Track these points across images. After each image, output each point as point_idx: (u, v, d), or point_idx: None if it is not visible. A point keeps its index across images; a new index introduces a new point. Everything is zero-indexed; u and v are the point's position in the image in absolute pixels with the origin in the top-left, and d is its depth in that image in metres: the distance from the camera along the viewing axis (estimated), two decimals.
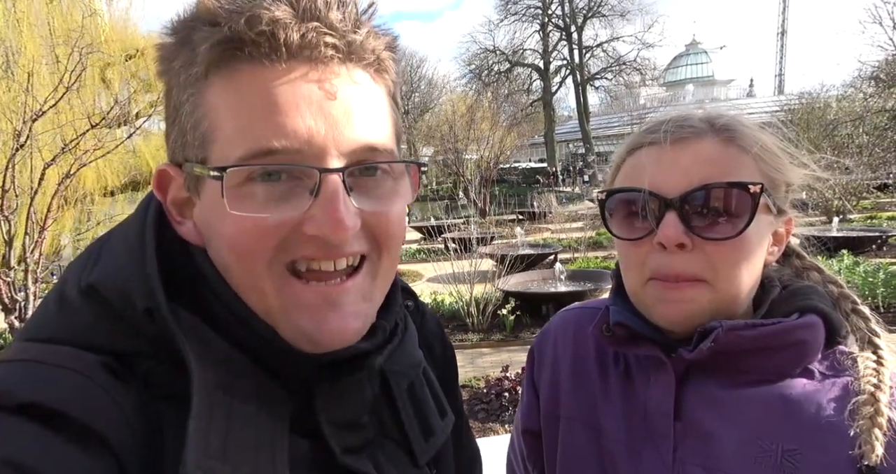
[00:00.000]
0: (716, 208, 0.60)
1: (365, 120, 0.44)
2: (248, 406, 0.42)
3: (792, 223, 0.68)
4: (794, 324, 0.60)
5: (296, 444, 0.44)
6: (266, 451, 0.41)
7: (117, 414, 0.39)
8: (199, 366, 0.41)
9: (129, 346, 0.42)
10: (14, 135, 4.90)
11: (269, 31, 0.40)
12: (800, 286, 0.67)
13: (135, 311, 0.42)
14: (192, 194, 0.46)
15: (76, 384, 0.39)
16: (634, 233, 0.64)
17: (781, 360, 0.61)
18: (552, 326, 0.83)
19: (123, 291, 0.42)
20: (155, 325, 0.42)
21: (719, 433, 0.61)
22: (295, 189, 0.43)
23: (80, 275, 0.45)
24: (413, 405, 0.57)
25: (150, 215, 0.47)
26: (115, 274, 0.44)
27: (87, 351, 0.41)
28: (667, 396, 0.65)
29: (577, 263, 8.67)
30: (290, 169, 0.42)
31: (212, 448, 0.39)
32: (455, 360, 0.71)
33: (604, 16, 38.29)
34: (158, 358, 0.42)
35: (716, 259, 0.61)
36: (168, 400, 0.41)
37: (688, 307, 0.62)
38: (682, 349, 0.62)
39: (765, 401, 0.61)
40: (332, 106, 0.42)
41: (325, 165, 0.42)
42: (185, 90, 0.43)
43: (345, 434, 0.48)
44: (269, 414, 0.43)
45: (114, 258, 0.45)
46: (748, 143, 0.63)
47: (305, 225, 0.42)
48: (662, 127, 0.65)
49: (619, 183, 0.68)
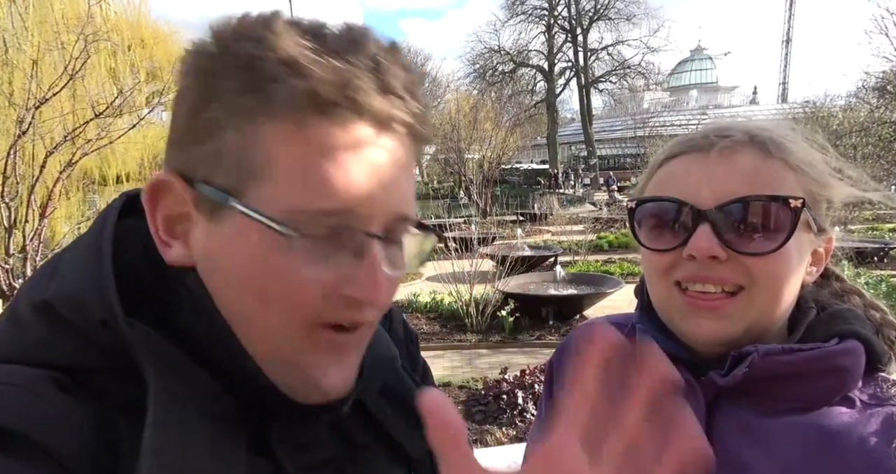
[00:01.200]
0: (753, 222, 0.58)
1: (407, 190, 0.46)
2: (204, 420, 0.41)
3: (832, 243, 0.65)
4: (834, 349, 0.58)
5: (254, 462, 0.43)
6: (222, 467, 0.41)
7: (66, 427, 0.38)
8: (155, 377, 0.40)
9: (82, 360, 0.42)
10: (17, 122, 4.88)
11: (353, 97, 0.41)
12: (839, 309, 0.64)
13: (90, 323, 0.41)
14: (198, 213, 0.43)
15: (21, 400, 0.38)
16: (664, 243, 0.62)
17: (820, 388, 0.59)
18: (574, 338, 0.81)
19: (78, 304, 0.42)
20: (111, 337, 0.41)
21: (751, 463, 0.58)
22: (338, 249, 0.43)
23: (33, 292, 0.44)
24: (391, 403, 0.56)
25: (107, 230, 0.45)
26: (69, 288, 0.43)
27: (36, 367, 0.40)
28: None
29: (577, 266, 8.66)
30: (345, 229, 0.42)
31: (167, 459, 0.38)
32: (419, 353, 0.71)
33: (610, 19, 38.30)
34: (112, 371, 0.42)
35: (753, 269, 0.58)
36: (124, 413, 0.40)
37: (719, 325, 0.59)
38: (714, 373, 0.60)
39: (802, 432, 0.58)
40: (388, 174, 0.43)
41: (372, 231, 0.43)
42: (237, 117, 0.41)
43: (300, 453, 0.48)
44: (226, 431, 0.42)
45: (68, 272, 0.44)
46: (791, 156, 0.60)
47: (345, 287, 0.42)
48: (700, 136, 0.63)
49: (651, 192, 0.65)
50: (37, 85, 5.02)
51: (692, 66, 52.30)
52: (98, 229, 0.46)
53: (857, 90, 14.29)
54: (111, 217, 0.47)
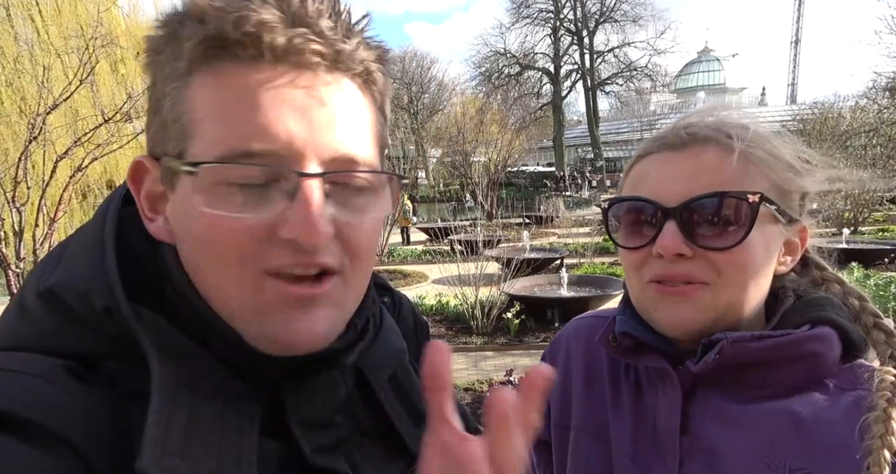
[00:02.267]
0: (715, 217, 0.59)
1: (348, 130, 0.44)
2: (213, 404, 0.41)
3: (807, 232, 0.66)
4: (804, 335, 0.59)
5: (265, 445, 0.43)
6: (232, 451, 0.40)
7: (80, 415, 0.38)
8: (160, 364, 0.40)
9: (92, 348, 0.42)
10: (28, 128, 4.95)
11: (256, 32, 0.41)
12: (814, 296, 0.65)
13: (94, 311, 0.42)
14: (166, 189, 0.45)
15: (35, 388, 0.38)
16: (635, 241, 0.63)
17: (791, 374, 0.60)
18: (565, 334, 0.82)
19: (82, 291, 0.42)
20: (115, 324, 0.41)
21: (726, 448, 0.60)
22: (271, 192, 0.42)
23: (39, 280, 0.44)
24: (398, 394, 0.56)
25: (110, 216, 0.47)
26: (73, 275, 0.43)
27: (48, 355, 0.41)
28: (673, 409, 0.63)
29: (583, 269, 8.63)
30: (267, 171, 0.42)
31: (172, 445, 0.38)
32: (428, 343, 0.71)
33: (616, 21, 38.22)
34: (122, 358, 0.42)
35: (719, 265, 0.60)
36: (135, 400, 0.40)
37: (688, 311, 0.60)
38: (689, 361, 0.61)
39: (774, 416, 0.59)
40: (316, 112, 0.43)
41: (303, 170, 0.42)
42: (169, 83, 0.43)
43: (316, 433, 0.48)
44: (236, 414, 0.42)
45: (73, 260, 0.45)
46: (755, 151, 0.61)
47: (280, 228, 0.42)
48: (668, 133, 0.64)
49: (627, 191, 0.67)
50: (48, 91, 5.09)
51: (699, 68, 52.09)
52: (101, 217, 0.47)
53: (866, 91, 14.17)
54: (114, 204, 0.48)
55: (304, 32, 0.42)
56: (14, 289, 5.07)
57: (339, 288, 0.46)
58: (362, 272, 0.48)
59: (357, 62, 0.45)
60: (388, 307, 0.64)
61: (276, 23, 0.41)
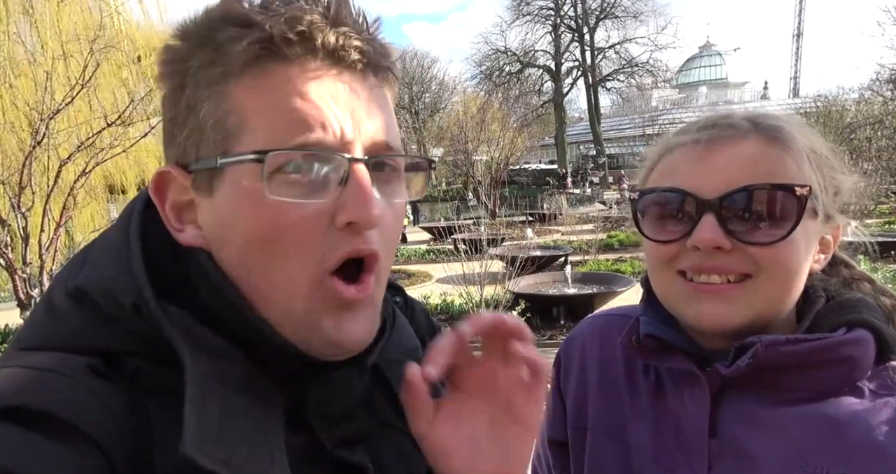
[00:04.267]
0: (758, 211, 0.57)
1: (382, 121, 0.47)
2: (242, 396, 0.43)
3: (840, 230, 0.64)
4: (841, 339, 0.57)
5: (289, 437, 0.45)
6: (261, 440, 0.42)
7: (104, 413, 0.39)
8: (191, 357, 0.41)
9: (118, 345, 0.43)
10: (32, 133, 4.97)
11: (308, 32, 0.43)
12: (848, 298, 0.63)
13: (122, 309, 0.43)
14: (199, 195, 0.46)
15: (61, 386, 0.39)
16: (668, 234, 0.61)
17: (826, 378, 0.58)
18: (579, 333, 0.80)
19: (110, 290, 0.43)
20: (144, 321, 0.42)
21: (757, 453, 0.58)
22: (325, 180, 0.44)
23: (67, 280, 0.45)
24: None
25: (135, 220, 0.48)
26: (101, 275, 0.45)
27: (74, 354, 0.42)
28: (701, 412, 0.61)
29: (587, 266, 8.61)
30: (326, 155, 0.44)
31: (208, 432, 0.39)
32: None
33: (617, 17, 38.10)
34: (148, 355, 0.43)
35: (759, 260, 0.57)
36: (157, 396, 0.42)
37: (726, 309, 0.58)
38: (718, 364, 0.59)
39: (808, 421, 0.57)
40: (357, 105, 0.45)
41: (354, 155, 0.45)
42: (206, 89, 0.44)
43: (337, 427, 0.49)
44: (263, 405, 0.44)
45: (99, 261, 0.46)
46: (795, 144, 0.59)
47: (338, 214, 0.44)
48: (702, 125, 0.62)
49: (654, 183, 0.64)
50: (50, 96, 5.12)
51: (701, 63, 51.85)
52: (125, 220, 0.48)
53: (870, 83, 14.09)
54: (138, 207, 0.49)
55: (346, 31, 0.45)
56: (20, 294, 5.09)
57: (376, 284, 0.48)
58: (388, 260, 0.50)
59: (386, 61, 0.48)
60: (401, 307, 0.65)
61: (324, 23, 0.44)
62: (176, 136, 0.47)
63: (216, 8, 0.45)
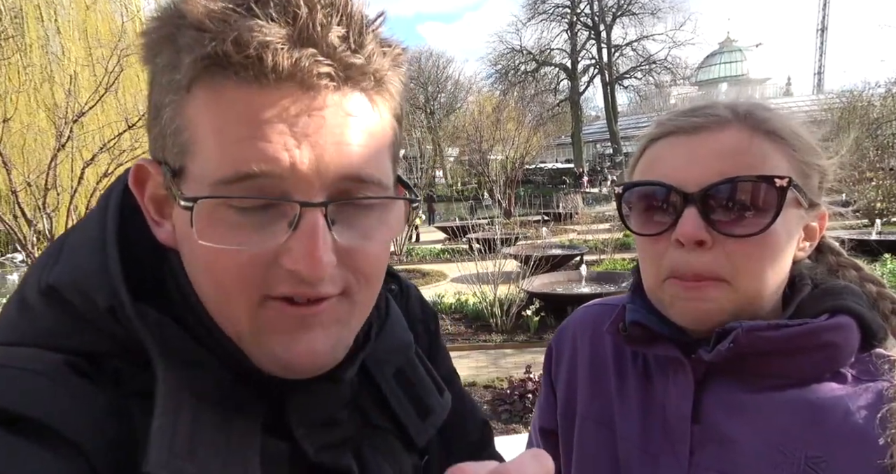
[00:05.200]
0: (739, 203, 0.57)
1: (355, 149, 0.41)
2: (217, 406, 0.41)
3: (826, 217, 0.64)
4: (822, 325, 0.57)
5: (271, 445, 0.43)
6: (236, 452, 0.40)
7: (84, 414, 0.37)
8: (164, 366, 0.39)
9: (95, 346, 0.41)
10: (56, 136, 5.12)
11: (257, 55, 0.37)
12: (832, 285, 0.63)
13: (97, 310, 0.40)
14: (169, 193, 0.43)
15: (38, 386, 0.37)
16: (652, 228, 0.61)
17: (808, 363, 0.58)
18: (571, 322, 0.81)
19: (84, 290, 0.41)
20: (119, 325, 0.40)
21: (739, 438, 0.58)
22: (273, 218, 0.40)
23: (40, 275, 0.43)
24: (404, 389, 0.55)
25: (111, 212, 0.45)
26: (74, 272, 0.42)
27: (51, 351, 0.40)
28: (685, 398, 0.62)
29: (603, 265, 8.53)
30: (270, 201, 0.40)
31: (178, 447, 0.37)
32: (439, 332, 0.68)
33: (634, 14, 37.67)
34: (126, 357, 0.41)
35: (738, 257, 0.57)
36: (139, 399, 0.40)
37: (707, 306, 0.59)
38: (701, 350, 0.60)
39: (789, 406, 0.57)
40: (322, 134, 0.40)
41: (307, 197, 0.39)
42: (167, 94, 0.41)
43: (319, 433, 0.47)
44: (239, 415, 0.42)
45: (73, 256, 0.43)
46: (777, 131, 0.59)
47: (282, 257, 0.40)
48: (683, 115, 0.62)
49: (639, 176, 0.65)
50: (75, 99, 5.25)
51: (721, 59, 50.83)
52: (102, 210, 0.46)
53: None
54: (115, 197, 0.47)
55: (311, 53, 0.38)
56: None
57: (345, 305, 0.44)
58: (371, 290, 0.47)
59: (369, 75, 0.42)
60: (395, 295, 0.63)
61: (280, 43, 0.38)
62: (150, 130, 0.44)
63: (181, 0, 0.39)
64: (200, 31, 0.38)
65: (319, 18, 0.39)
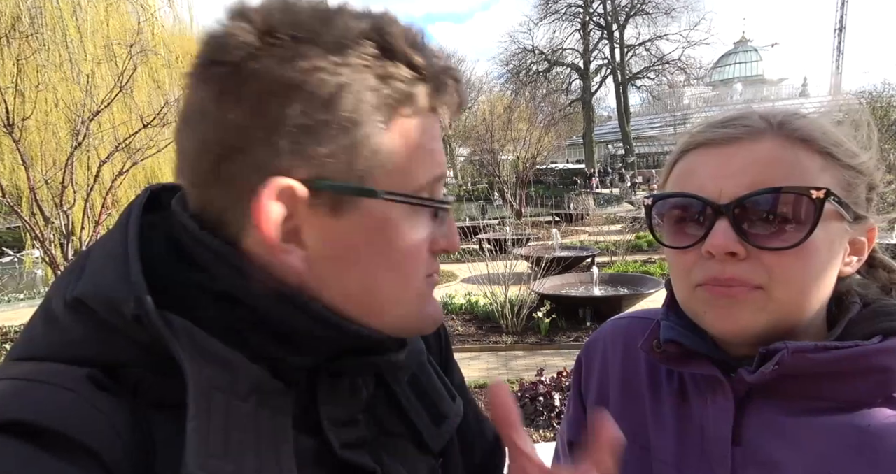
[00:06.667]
0: (773, 215, 0.54)
1: None
2: (248, 404, 0.42)
3: (875, 230, 0.61)
4: (874, 348, 0.54)
5: (299, 440, 0.44)
6: (269, 447, 0.42)
7: (105, 426, 0.38)
8: (193, 368, 0.40)
9: (119, 357, 0.42)
10: (73, 134, 5.19)
11: (456, 95, 0.50)
12: (884, 304, 0.60)
13: (124, 320, 0.42)
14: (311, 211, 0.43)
15: (61, 399, 0.38)
16: (683, 240, 0.59)
17: (859, 388, 0.55)
18: (601, 335, 0.78)
19: (110, 301, 0.42)
20: (145, 332, 0.41)
21: (782, 462, 0.56)
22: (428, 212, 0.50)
23: (65, 290, 0.44)
24: (418, 395, 0.57)
25: (133, 226, 0.46)
26: (99, 284, 0.43)
27: (73, 365, 0.41)
28: (725, 419, 0.59)
29: (615, 267, 8.47)
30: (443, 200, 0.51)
31: (213, 447, 0.39)
32: (449, 341, 0.72)
33: (647, 13, 37.38)
34: (149, 367, 0.42)
35: (774, 268, 0.55)
36: (159, 409, 0.41)
37: (741, 314, 0.56)
38: (743, 370, 0.57)
39: (837, 432, 0.54)
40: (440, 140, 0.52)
41: None
42: (374, 114, 0.44)
43: (342, 430, 0.49)
44: (271, 411, 0.43)
45: (97, 270, 0.45)
46: (816, 141, 0.56)
47: (441, 242, 0.51)
48: (716, 126, 0.60)
49: (671, 188, 0.63)
50: (90, 98, 5.32)
51: (736, 59, 50.26)
52: (123, 226, 0.47)
53: None
54: (136, 212, 0.48)
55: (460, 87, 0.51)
56: None
57: None
58: None
59: None
60: None
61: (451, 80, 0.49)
62: (304, 147, 0.42)
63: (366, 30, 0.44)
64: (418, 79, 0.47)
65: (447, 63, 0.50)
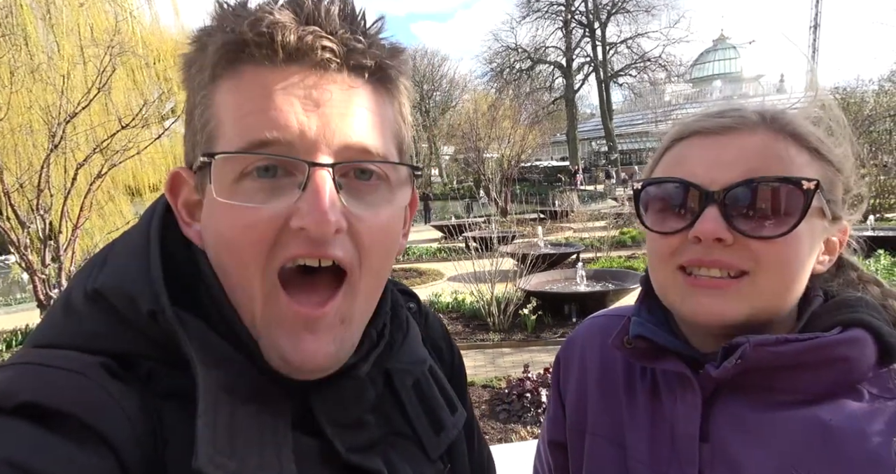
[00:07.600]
0: (763, 204, 0.55)
1: (360, 122, 0.45)
2: (250, 405, 0.43)
3: (847, 231, 0.62)
4: (833, 339, 0.55)
5: (302, 441, 0.45)
6: (270, 447, 0.43)
7: (116, 411, 0.39)
8: (203, 368, 0.42)
9: (133, 348, 0.44)
10: (49, 136, 5.06)
11: (269, 32, 0.43)
12: (846, 297, 0.61)
13: (139, 314, 0.43)
14: (199, 196, 0.48)
15: (74, 384, 0.39)
16: (669, 226, 0.60)
17: (820, 380, 0.56)
18: (578, 334, 0.79)
19: (128, 295, 0.44)
20: (159, 328, 0.43)
21: (749, 458, 0.56)
22: (285, 184, 0.44)
23: (86, 281, 0.46)
24: (420, 401, 0.58)
25: (155, 221, 0.49)
26: (120, 278, 0.45)
27: (88, 353, 0.42)
28: (693, 416, 0.60)
29: (599, 263, 8.55)
30: (278, 160, 0.44)
31: (220, 445, 0.40)
32: (463, 367, 0.71)
33: (628, 12, 37.69)
34: (161, 359, 0.44)
35: (761, 255, 0.56)
36: (169, 399, 0.43)
37: (722, 304, 0.57)
38: (709, 365, 0.58)
39: (801, 425, 0.55)
40: (327, 105, 0.44)
41: (314, 160, 0.43)
42: (198, 93, 0.46)
43: (348, 433, 0.49)
44: (271, 413, 0.44)
45: (119, 263, 0.47)
46: (805, 137, 0.57)
47: (292, 218, 0.43)
48: (710, 116, 0.60)
49: (660, 173, 0.63)
50: (67, 100, 5.20)
51: (715, 57, 50.96)
52: (147, 221, 0.50)
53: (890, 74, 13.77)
54: (159, 210, 0.51)
55: (314, 30, 0.44)
56: (40, 295, 5.20)
57: (346, 302, 0.47)
58: (372, 277, 0.48)
59: (369, 59, 0.46)
60: (414, 314, 0.65)
61: (289, 23, 0.43)
62: (185, 139, 0.50)
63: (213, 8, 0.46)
64: (222, 24, 0.44)
65: (323, 10, 0.44)
